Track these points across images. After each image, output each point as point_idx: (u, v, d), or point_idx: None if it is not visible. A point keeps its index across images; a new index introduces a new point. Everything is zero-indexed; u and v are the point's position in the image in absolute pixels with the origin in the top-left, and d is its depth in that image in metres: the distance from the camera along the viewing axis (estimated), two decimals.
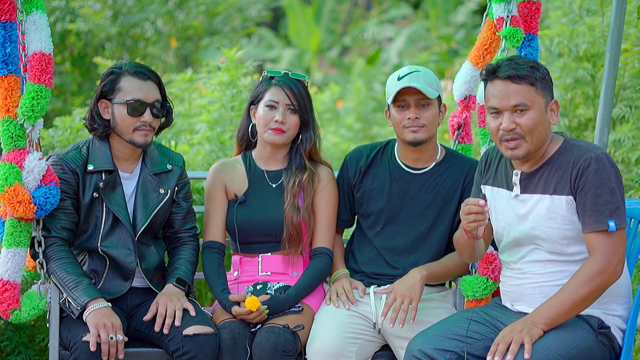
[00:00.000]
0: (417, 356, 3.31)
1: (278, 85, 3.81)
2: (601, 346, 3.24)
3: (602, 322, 3.25)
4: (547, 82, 3.26)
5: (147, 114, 3.60)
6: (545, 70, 3.27)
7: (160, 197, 3.68)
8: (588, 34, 5.86)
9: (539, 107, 3.22)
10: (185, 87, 6.17)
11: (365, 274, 3.81)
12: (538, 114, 3.22)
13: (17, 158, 3.48)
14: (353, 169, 3.88)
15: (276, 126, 3.79)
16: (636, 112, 5.49)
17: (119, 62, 3.69)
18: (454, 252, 3.76)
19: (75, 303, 3.46)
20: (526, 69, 3.21)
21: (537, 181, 3.28)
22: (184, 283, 3.67)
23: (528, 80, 3.20)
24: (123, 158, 3.67)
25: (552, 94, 3.29)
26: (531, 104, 3.21)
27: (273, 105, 3.79)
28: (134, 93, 3.58)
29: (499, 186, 3.41)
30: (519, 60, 3.25)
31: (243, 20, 11.78)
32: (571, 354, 3.14)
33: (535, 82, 3.21)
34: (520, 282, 3.37)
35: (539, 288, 3.31)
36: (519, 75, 3.20)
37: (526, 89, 3.21)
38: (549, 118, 3.26)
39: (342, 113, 10.61)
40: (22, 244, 3.51)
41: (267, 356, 3.47)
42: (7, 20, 3.45)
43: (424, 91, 3.63)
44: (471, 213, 3.24)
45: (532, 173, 3.30)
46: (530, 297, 3.33)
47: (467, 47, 11.63)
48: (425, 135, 3.71)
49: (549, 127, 3.28)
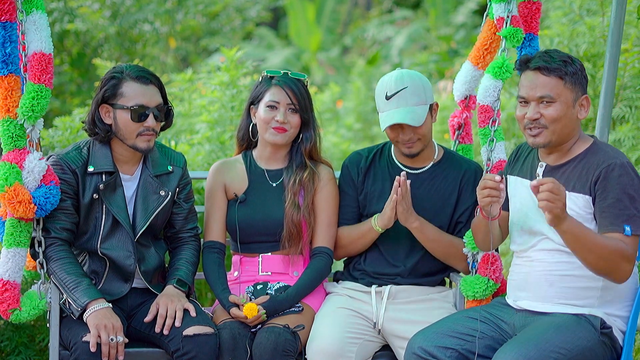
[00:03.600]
0: (417, 353, 3.32)
1: (278, 85, 3.80)
2: (603, 346, 3.24)
3: (604, 322, 3.26)
4: (579, 77, 3.30)
5: (150, 119, 3.58)
6: (580, 66, 3.31)
7: (161, 199, 3.67)
8: (588, 34, 5.86)
9: (565, 100, 3.28)
10: (185, 87, 6.17)
11: (366, 273, 3.81)
12: (564, 107, 3.27)
13: (17, 158, 3.48)
14: (355, 170, 3.88)
15: (277, 126, 3.78)
16: (636, 112, 5.49)
17: (119, 66, 3.66)
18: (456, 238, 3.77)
19: (76, 304, 3.45)
20: (557, 62, 3.27)
21: (560, 176, 3.31)
22: (184, 284, 3.66)
23: (557, 73, 3.27)
24: (124, 160, 3.66)
25: (584, 90, 3.32)
26: (557, 96, 3.27)
27: (274, 105, 3.79)
28: (137, 98, 3.56)
29: (523, 176, 3.45)
30: (554, 54, 3.31)
31: (243, 21, 11.78)
32: (572, 352, 3.15)
33: (565, 76, 3.27)
34: (527, 269, 3.39)
35: (545, 276, 3.32)
36: (548, 68, 3.27)
37: (554, 81, 3.27)
38: (577, 113, 3.30)
39: (342, 113, 10.61)
40: (22, 244, 3.51)
41: (267, 356, 3.47)
42: (7, 20, 3.44)
43: (411, 123, 3.63)
44: (486, 188, 3.31)
45: (556, 167, 3.34)
46: (536, 285, 3.34)
47: (467, 47, 11.62)
48: (420, 147, 3.74)
49: (576, 122, 3.32)
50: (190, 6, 10.54)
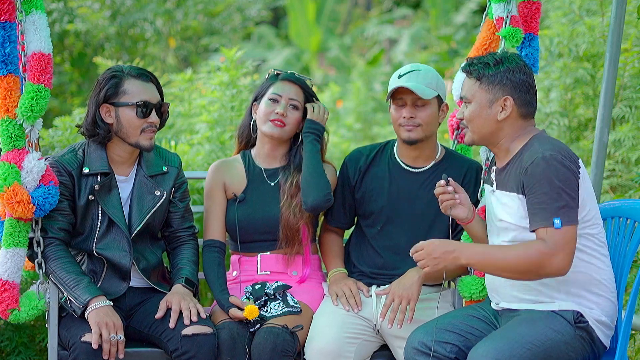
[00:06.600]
0: (417, 348, 3.34)
1: (284, 80, 3.83)
2: (580, 340, 3.23)
3: (580, 315, 3.24)
4: (501, 79, 3.29)
5: (153, 115, 3.61)
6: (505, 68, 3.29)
7: (156, 199, 3.68)
8: (588, 34, 5.86)
9: (479, 101, 3.32)
10: (185, 87, 6.17)
11: (363, 274, 3.81)
12: (477, 108, 3.33)
13: (16, 158, 3.48)
14: (353, 169, 3.88)
15: (276, 117, 3.79)
16: (636, 112, 5.49)
17: (117, 65, 3.70)
18: None
19: (77, 302, 3.46)
20: (477, 65, 3.33)
21: (504, 178, 3.33)
22: (192, 284, 3.68)
23: (474, 74, 3.34)
24: (120, 161, 3.67)
25: (508, 92, 3.29)
26: (472, 97, 3.34)
27: (276, 98, 3.80)
28: (140, 95, 3.59)
29: (487, 183, 3.48)
30: (483, 57, 3.36)
31: (243, 20, 11.78)
32: (545, 345, 3.15)
33: (482, 78, 3.32)
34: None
35: (507, 280, 3.32)
36: (469, 70, 3.37)
37: (470, 83, 3.35)
38: (496, 113, 3.31)
39: (342, 113, 10.60)
40: (21, 244, 3.51)
41: (266, 356, 3.47)
42: (7, 20, 3.45)
43: (416, 91, 3.64)
44: (438, 194, 3.40)
45: (502, 169, 3.36)
46: (501, 288, 3.36)
47: (467, 47, 11.63)
48: (420, 134, 3.72)
49: (496, 122, 3.31)
50: (190, 6, 10.54)
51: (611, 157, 5.57)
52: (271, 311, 3.65)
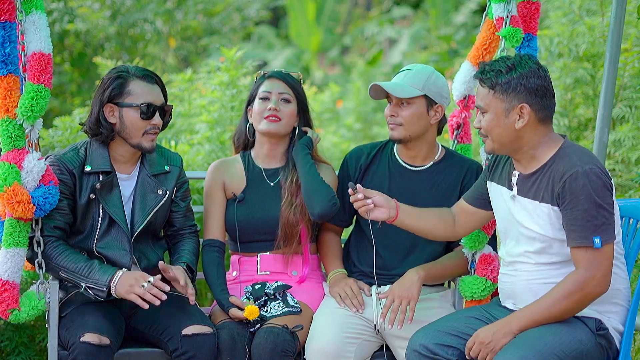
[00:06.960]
0: (418, 350, 3.33)
1: (270, 77, 3.86)
2: (599, 348, 3.24)
3: (600, 322, 3.25)
4: (515, 86, 3.23)
5: (156, 117, 3.61)
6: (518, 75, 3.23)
7: (159, 198, 3.68)
8: (588, 34, 5.86)
9: (495, 110, 3.26)
10: (185, 87, 6.17)
11: (363, 274, 3.81)
12: (494, 117, 3.27)
13: (16, 158, 3.48)
14: (353, 167, 3.89)
15: (270, 113, 3.80)
16: (636, 112, 5.49)
17: (123, 65, 3.70)
18: (452, 252, 3.77)
19: (98, 286, 3.46)
20: (489, 73, 3.27)
21: (531, 186, 3.30)
22: (192, 271, 3.69)
23: (488, 83, 3.27)
24: (122, 160, 3.67)
25: (524, 99, 3.24)
26: (487, 107, 3.28)
27: (266, 96, 3.83)
28: (145, 96, 3.59)
29: (501, 184, 3.43)
30: (494, 64, 3.29)
31: (242, 20, 11.78)
32: (570, 356, 3.15)
33: (495, 87, 3.25)
34: (512, 279, 3.38)
35: (529, 286, 3.31)
36: (482, 79, 3.29)
37: (484, 92, 3.29)
38: (514, 122, 3.25)
39: (342, 113, 10.61)
40: (21, 244, 3.50)
41: (266, 356, 3.47)
42: (7, 20, 3.44)
43: (389, 89, 3.68)
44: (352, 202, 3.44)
45: (528, 176, 3.32)
46: (522, 295, 3.34)
47: (467, 47, 11.62)
48: (401, 133, 3.73)
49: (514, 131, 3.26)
50: (190, 6, 10.54)
51: (611, 157, 5.57)
52: (271, 311, 3.66)
